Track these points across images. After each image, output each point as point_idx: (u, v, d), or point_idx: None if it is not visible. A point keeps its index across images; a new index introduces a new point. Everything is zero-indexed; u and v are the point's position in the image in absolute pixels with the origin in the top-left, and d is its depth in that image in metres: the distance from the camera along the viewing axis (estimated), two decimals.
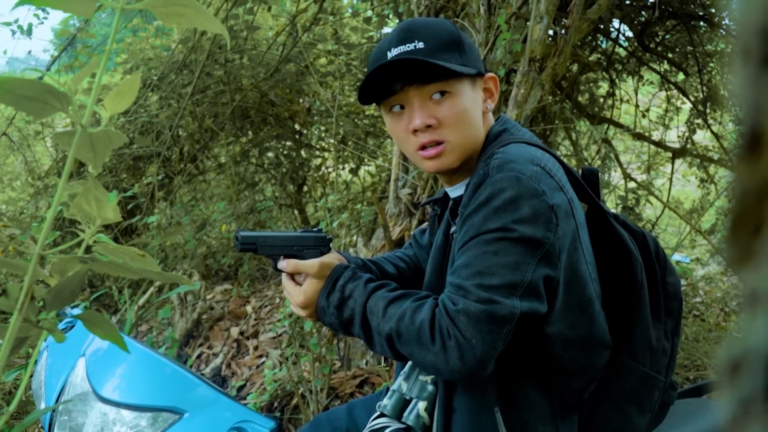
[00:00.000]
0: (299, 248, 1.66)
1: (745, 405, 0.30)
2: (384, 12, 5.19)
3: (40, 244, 0.69)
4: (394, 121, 1.58)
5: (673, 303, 1.64)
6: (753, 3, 0.30)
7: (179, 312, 4.55)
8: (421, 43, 1.50)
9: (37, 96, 0.66)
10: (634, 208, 5.17)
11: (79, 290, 0.78)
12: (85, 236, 0.75)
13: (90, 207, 0.73)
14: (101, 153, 0.72)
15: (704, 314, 5.24)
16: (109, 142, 0.72)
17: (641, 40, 5.53)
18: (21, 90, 0.65)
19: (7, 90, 0.64)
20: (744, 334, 0.30)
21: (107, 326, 0.80)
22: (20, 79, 0.64)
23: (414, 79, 1.51)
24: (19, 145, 5.78)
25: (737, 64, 0.31)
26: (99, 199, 0.73)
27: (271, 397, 3.54)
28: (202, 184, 6.31)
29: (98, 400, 1.92)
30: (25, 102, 0.66)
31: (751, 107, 0.30)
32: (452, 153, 1.55)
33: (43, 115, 0.68)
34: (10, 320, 0.69)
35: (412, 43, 1.51)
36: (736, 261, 0.31)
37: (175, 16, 0.71)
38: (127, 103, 0.73)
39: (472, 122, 1.56)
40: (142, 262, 0.77)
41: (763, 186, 0.30)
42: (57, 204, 0.68)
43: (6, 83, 0.64)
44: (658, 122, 6.56)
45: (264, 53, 5.59)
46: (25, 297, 0.69)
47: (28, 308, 0.70)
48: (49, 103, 0.67)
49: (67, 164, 0.68)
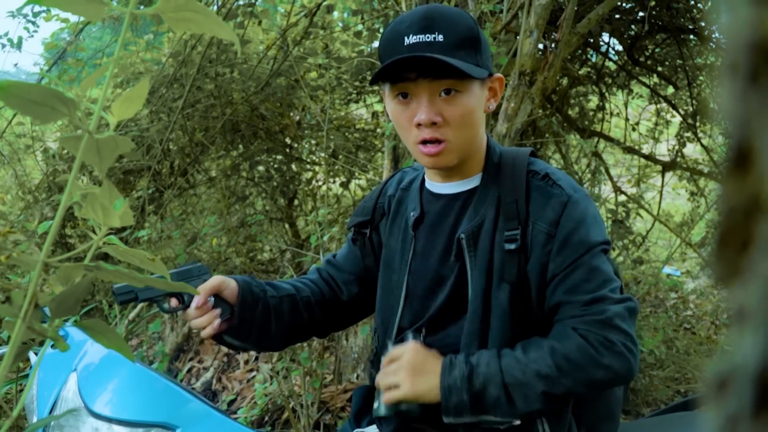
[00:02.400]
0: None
1: (732, 422, 0.30)
2: (374, 26, 5.21)
3: (45, 251, 0.68)
4: (399, 107, 1.57)
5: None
6: (741, 18, 0.30)
7: (170, 326, 4.53)
8: (441, 36, 1.49)
9: (45, 101, 0.66)
10: (624, 221, 5.19)
11: (84, 299, 0.78)
12: (97, 240, 0.75)
13: (96, 214, 0.73)
14: (107, 158, 0.72)
15: (695, 327, 5.26)
16: (116, 146, 0.72)
17: (631, 53, 5.55)
18: (28, 94, 0.65)
19: (14, 94, 0.64)
20: (732, 350, 0.30)
21: (111, 334, 0.79)
22: (27, 84, 0.64)
23: (428, 73, 1.50)
24: (10, 159, 5.77)
25: (725, 79, 0.31)
26: (105, 207, 0.73)
27: (262, 411, 3.53)
28: (192, 198, 6.29)
29: (90, 415, 1.90)
30: (33, 107, 0.66)
31: (739, 122, 0.30)
32: (451, 152, 1.55)
33: (50, 120, 0.68)
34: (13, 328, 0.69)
35: (432, 34, 1.49)
36: (724, 277, 0.31)
37: (185, 21, 0.71)
38: (135, 109, 0.73)
39: (474, 123, 1.57)
40: (152, 266, 0.76)
41: (750, 202, 0.29)
42: (64, 208, 0.68)
43: (13, 88, 0.64)
44: (648, 136, 6.59)
45: (255, 67, 5.59)
46: (29, 304, 0.69)
47: (31, 316, 0.70)
48: (57, 109, 0.67)
49: (73, 170, 0.68)
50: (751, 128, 0.29)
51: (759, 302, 0.29)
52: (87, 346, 2.13)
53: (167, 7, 0.70)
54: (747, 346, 0.29)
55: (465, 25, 1.54)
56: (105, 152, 0.72)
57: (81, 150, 0.69)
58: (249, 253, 5.92)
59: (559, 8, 3.58)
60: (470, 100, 1.54)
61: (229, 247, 5.61)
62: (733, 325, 0.30)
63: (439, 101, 1.52)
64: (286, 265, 5.25)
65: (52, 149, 5.76)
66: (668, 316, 4.82)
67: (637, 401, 3.90)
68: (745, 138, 0.30)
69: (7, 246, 0.73)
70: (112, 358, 2.09)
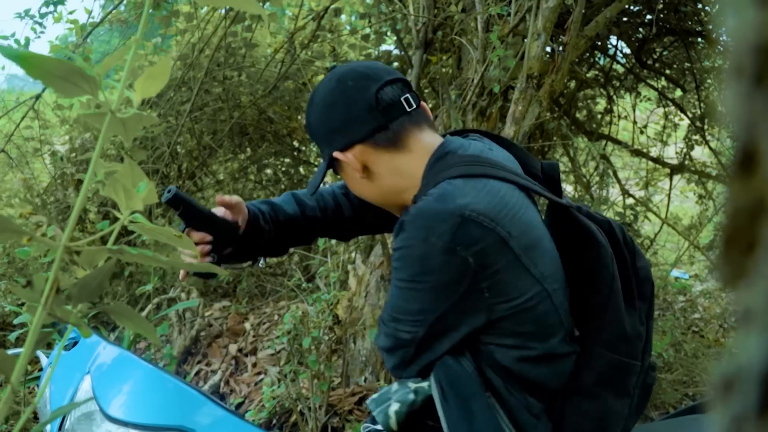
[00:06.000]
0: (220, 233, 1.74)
1: (737, 423, 0.30)
2: (382, 29, 5.21)
3: (67, 234, 0.68)
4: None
5: (645, 287, 1.64)
6: (746, 20, 0.30)
7: (177, 329, 4.54)
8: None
9: (67, 76, 0.66)
10: (632, 224, 5.18)
11: (107, 282, 0.78)
12: (122, 218, 0.74)
13: (118, 196, 0.73)
14: (132, 130, 0.73)
15: (703, 330, 5.23)
16: (140, 120, 0.72)
17: (639, 56, 5.55)
18: (51, 68, 0.65)
19: (36, 66, 0.64)
20: (738, 351, 0.30)
21: (136, 318, 0.79)
22: (49, 57, 0.65)
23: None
24: (18, 162, 5.78)
25: (730, 82, 0.31)
26: (127, 189, 0.73)
27: (270, 414, 3.53)
28: (200, 201, 6.30)
29: (105, 419, 1.90)
30: (55, 80, 0.66)
31: (744, 125, 0.30)
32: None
33: (72, 95, 0.68)
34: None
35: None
36: (730, 279, 0.31)
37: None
38: (159, 87, 0.73)
39: (365, 190, 1.70)
40: (179, 242, 0.76)
41: (756, 204, 0.30)
42: (86, 190, 0.68)
43: (35, 59, 0.64)
44: (656, 138, 6.57)
45: (262, 70, 5.60)
46: (50, 289, 0.69)
47: (53, 301, 0.69)
48: (78, 85, 0.67)
49: (97, 147, 0.68)
50: (756, 130, 0.30)
51: (764, 303, 0.29)
52: (100, 348, 2.12)
53: None
54: (752, 347, 0.29)
55: (310, 119, 1.69)
56: (130, 125, 0.72)
57: (105, 127, 0.69)
58: None
59: (566, 11, 3.58)
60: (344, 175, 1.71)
61: None
62: (739, 327, 0.30)
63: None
64: (294, 268, 5.26)
65: (60, 152, 5.76)
66: (676, 319, 4.80)
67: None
68: (751, 140, 0.30)
69: (28, 228, 0.73)
70: (125, 359, 2.09)
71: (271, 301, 5.27)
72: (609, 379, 1.53)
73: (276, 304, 5.16)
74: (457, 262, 1.38)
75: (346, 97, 1.58)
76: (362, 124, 1.58)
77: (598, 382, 1.52)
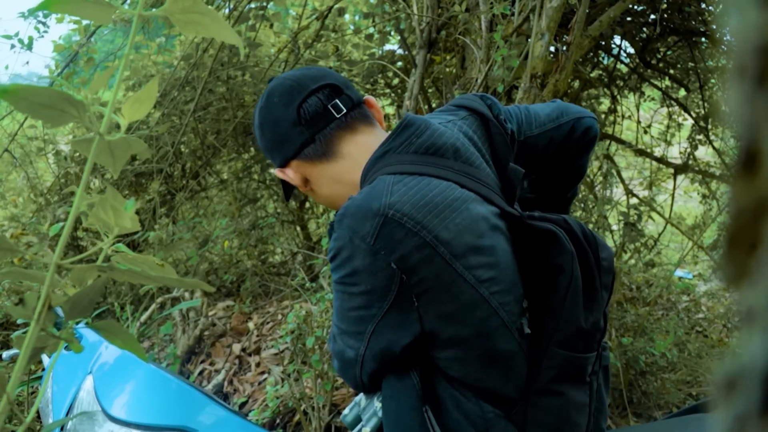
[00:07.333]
0: None
1: (740, 422, 0.30)
2: (386, 29, 5.21)
3: (58, 253, 0.69)
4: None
5: (607, 277, 1.56)
6: (748, 21, 0.30)
7: (181, 328, 4.54)
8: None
9: (54, 104, 0.67)
10: (636, 224, 5.17)
11: (97, 300, 0.78)
12: (104, 245, 0.75)
13: (107, 216, 0.73)
14: (120, 158, 0.73)
15: (707, 330, 5.23)
16: (128, 147, 0.72)
17: (642, 56, 5.54)
18: (37, 98, 0.66)
19: (23, 98, 0.65)
20: (741, 351, 0.30)
21: (124, 335, 0.80)
22: (37, 87, 0.65)
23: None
24: (21, 162, 5.79)
25: (733, 82, 0.31)
26: (116, 208, 0.73)
27: (273, 413, 3.54)
28: (204, 201, 6.31)
29: (107, 419, 1.90)
30: (42, 110, 0.66)
31: (747, 125, 0.30)
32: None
33: (60, 123, 0.69)
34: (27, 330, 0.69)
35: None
36: (733, 279, 0.31)
37: (192, 24, 0.72)
38: (146, 110, 0.74)
39: (318, 199, 1.74)
40: (160, 271, 0.77)
41: (759, 204, 0.30)
42: (75, 213, 0.68)
43: (22, 91, 0.64)
44: (659, 138, 6.56)
45: (266, 70, 5.60)
46: (42, 306, 0.69)
47: (45, 318, 0.70)
48: (66, 111, 0.68)
49: (85, 172, 0.69)
50: (759, 131, 0.30)
51: (767, 303, 0.29)
52: (102, 348, 2.13)
53: (175, 9, 0.71)
54: (755, 346, 0.29)
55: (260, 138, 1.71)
56: (118, 153, 0.73)
57: (93, 152, 0.69)
58: (260, 256, 5.93)
59: (570, 11, 3.57)
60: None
61: (240, 249, 5.62)
62: (742, 326, 0.30)
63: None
64: (298, 268, 5.26)
65: (64, 152, 5.77)
66: (680, 319, 4.80)
67: (648, 404, 3.88)
68: (753, 140, 0.30)
69: (20, 248, 0.73)
70: (127, 360, 2.09)
71: (274, 301, 5.28)
72: (567, 375, 1.49)
73: (279, 304, 5.17)
74: (382, 266, 1.33)
75: (273, 115, 1.59)
76: (290, 141, 1.58)
77: (556, 378, 1.48)
